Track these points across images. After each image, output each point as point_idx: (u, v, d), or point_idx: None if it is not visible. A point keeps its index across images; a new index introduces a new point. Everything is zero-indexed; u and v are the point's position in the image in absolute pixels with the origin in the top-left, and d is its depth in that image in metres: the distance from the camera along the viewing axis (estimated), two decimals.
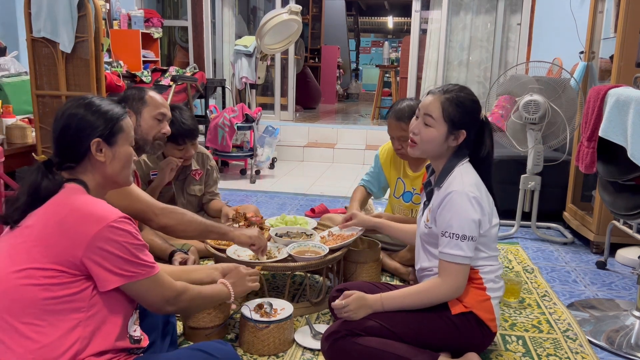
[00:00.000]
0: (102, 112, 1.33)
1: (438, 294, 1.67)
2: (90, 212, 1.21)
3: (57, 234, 1.19)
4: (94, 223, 1.19)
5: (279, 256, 2.12)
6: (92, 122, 1.31)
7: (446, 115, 1.70)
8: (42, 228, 1.21)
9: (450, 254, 1.64)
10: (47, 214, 1.22)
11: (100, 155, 1.32)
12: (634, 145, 1.93)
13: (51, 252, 1.19)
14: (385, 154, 2.69)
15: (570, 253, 3.13)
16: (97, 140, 1.31)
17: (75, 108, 1.32)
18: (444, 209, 1.67)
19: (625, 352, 2.00)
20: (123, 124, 1.36)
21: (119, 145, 1.35)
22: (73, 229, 1.19)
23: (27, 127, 3.52)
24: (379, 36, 16.02)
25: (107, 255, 1.20)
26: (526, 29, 5.85)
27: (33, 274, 1.18)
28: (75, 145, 1.30)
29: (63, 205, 1.23)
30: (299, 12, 5.06)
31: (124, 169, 1.38)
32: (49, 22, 3.12)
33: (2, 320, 1.17)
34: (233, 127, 4.79)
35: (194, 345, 1.42)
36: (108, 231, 1.20)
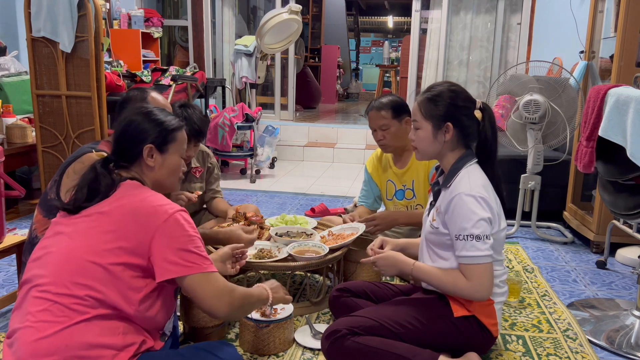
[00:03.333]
0: (159, 121, 1.46)
1: (463, 293, 1.66)
2: (160, 203, 1.33)
3: (131, 223, 1.30)
4: (162, 213, 1.31)
5: (279, 256, 2.12)
6: (147, 129, 1.44)
7: (426, 113, 1.74)
8: (118, 216, 1.31)
9: (468, 256, 1.63)
10: (122, 204, 1.33)
11: (150, 160, 1.44)
12: (634, 145, 1.93)
13: (124, 238, 1.29)
14: (372, 162, 2.73)
15: (570, 253, 3.13)
16: (150, 146, 1.43)
17: (135, 115, 1.46)
18: (453, 213, 1.66)
19: (625, 351, 2.00)
20: (176, 135, 1.48)
21: (170, 154, 1.47)
22: (145, 218, 1.30)
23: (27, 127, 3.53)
24: (379, 36, 16.02)
25: (169, 244, 1.29)
26: (526, 29, 5.85)
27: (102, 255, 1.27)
28: (130, 147, 1.44)
29: (135, 197, 1.34)
30: (299, 11, 5.06)
31: (170, 176, 1.50)
32: (49, 21, 3.13)
33: (65, 288, 1.25)
34: (233, 127, 4.80)
35: (197, 345, 1.43)
36: (172, 220, 1.31)
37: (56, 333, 1.21)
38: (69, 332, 1.22)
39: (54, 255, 1.31)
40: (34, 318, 1.23)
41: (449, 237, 1.70)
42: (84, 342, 1.22)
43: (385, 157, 2.67)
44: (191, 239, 1.33)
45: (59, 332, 1.21)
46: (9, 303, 2.18)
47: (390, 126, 2.46)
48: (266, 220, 2.55)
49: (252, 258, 2.11)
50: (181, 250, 1.30)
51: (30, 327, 1.23)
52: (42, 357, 1.20)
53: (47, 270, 1.29)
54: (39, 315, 1.23)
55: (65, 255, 1.29)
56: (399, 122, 2.47)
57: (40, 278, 1.28)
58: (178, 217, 1.32)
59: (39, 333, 1.21)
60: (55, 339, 1.21)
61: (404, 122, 2.49)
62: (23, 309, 1.27)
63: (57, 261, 1.29)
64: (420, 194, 2.56)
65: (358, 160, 5.84)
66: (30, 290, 1.28)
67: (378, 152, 2.72)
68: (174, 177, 1.51)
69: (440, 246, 1.74)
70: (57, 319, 1.23)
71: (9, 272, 2.61)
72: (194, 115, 2.57)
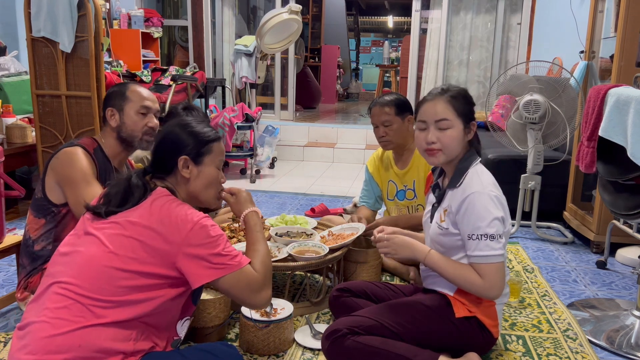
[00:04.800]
0: (195, 133, 1.47)
1: (476, 290, 1.65)
2: (185, 213, 1.35)
3: (157, 232, 1.32)
4: (187, 222, 1.33)
5: (279, 256, 2.12)
6: (183, 140, 1.46)
7: (459, 111, 1.70)
8: (145, 225, 1.33)
9: (482, 255, 1.61)
10: (151, 213, 1.35)
11: (186, 172, 1.46)
12: (634, 145, 1.93)
13: (150, 247, 1.31)
14: (373, 162, 2.73)
15: (570, 253, 3.13)
16: (185, 157, 1.45)
17: (173, 126, 1.49)
18: (466, 213, 1.65)
19: (625, 351, 2.00)
20: (213, 147, 1.49)
21: (205, 165, 1.48)
22: (170, 228, 1.32)
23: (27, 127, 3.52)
24: (379, 36, 16.02)
25: (199, 251, 1.32)
26: (526, 29, 5.85)
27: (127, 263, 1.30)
28: (166, 158, 1.46)
29: (162, 207, 1.36)
30: (299, 11, 5.06)
31: (207, 188, 1.50)
32: (49, 21, 3.12)
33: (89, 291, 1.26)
34: (233, 127, 4.80)
35: (198, 346, 1.44)
36: (199, 227, 1.33)
37: (71, 332, 1.22)
38: (84, 333, 1.23)
39: (81, 255, 1.33)
40: (52, 314, 1.24)
41: (459, 238, 1.69)
42: (97, 345, 1.23)
43: (386, 157, 2.67)
44: (217, 242, 1.35)
45: (74, 331, 1.23)
46: (9, 303, 2.18)
47: (393, 123, 2.46)
48: (266, 220, 2.55)
49: None
50: (211, 254, 1.33)
51: (47, 322, 1.24)
52: (54, 354, 1.21)
53: (72, 269, 1.31)
54: (57, 312, 1.25)
55: (92, 258, 1.31)
56: (401, 119, 2.48)
57: (64, 275, 1.30)
58: (203, 223, 1.35)
59: (54, 329, 1.23)
60: (69, 338, 1.22)
61: (406, 120, 2.50)
62: (41, 303, 1.29)
63: (84, 262, 1.31)
64: (421, 194, 2.56)
65: (358, 160, 5.84)
66: (51, 286, 1.30)
67: (379, 152, 2.72)
68: (211, 190, 1.51)
69: (450, 248, 1.73)
70: (74, 318, 1.24)
71: (9, 272, 2.61)
72: (197, 118, 2.58)
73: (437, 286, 1.80)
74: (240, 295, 1.39)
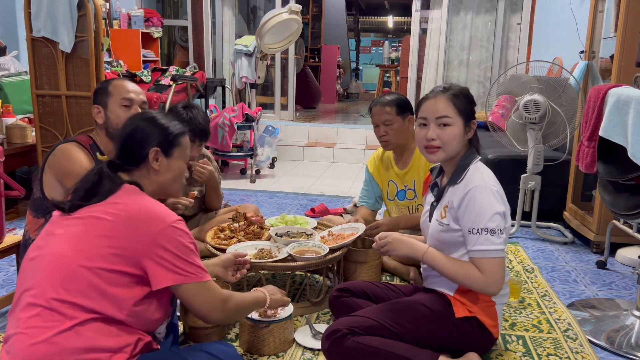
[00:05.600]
0: (164, 126, 1.48)
1: (476, 286, 1.65)
2: (156, 211, 1.33)
3: (125, 229, 1.29)
4: (158, 222, 1.31)
5: (279, 256, 2.12)
6: (154, 132, 1.46)
7: (460, 109, 1.72)
8: (113, 221, 1.30)
9: (482, 249, 1.61)
10: (118, 210, 1.32)
11: (156, 164, 1.45)
12: (634, 145, 1.93)
13: (117, 244, 1.28)
14: (373, 162, 2.73)
15: (570, 253, 3.13)
16: (156, 149, 1.45)
17: (140, 120, 1.49)
18: (467, 207, 1.65)
19: (625, 351, 2.00)
20: (181, 140, 1.51)
21: (174, 158, 1.49)
22: (140, 226, 1.29)
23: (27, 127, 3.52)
24: (379, 36, 16.02)
25: (166, 253, 1.29)
26: (526, 29, 5.85)
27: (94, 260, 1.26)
28: (136, 150, 1.44)
29: (132, 203, 1.33)
30: (299, 11, 5.06)
31: (174, 181, 1.51)
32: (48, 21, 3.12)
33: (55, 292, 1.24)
34: (233, 127, 4.79)
35: (198, 346, 1.43)
36: (170, 230, 1.31)
37: (48, 339, 1.20)
38: (61, 338, 1.21)
39: (47, 258, 1.30)
40: (25, 324, 1.22)
41: (460, 234, 1.69)
42: (78, 347, 1.21)
43: (386, 157, 2.67)
44: (187, 249, 1.33)
45: (50, 338, 1.20)
46: (9, 303, 2.18)
47: (394, 122, 2.47)
48: (266, 220, 2.55)
49: (252, 258, 2.11)
50: (177, 259, 1.30)
51: (22, 333, 1.22)
52: None
53: (39, 274, 1.28)
54: (30, 322, 1.22)
55: (57, 259, 1.28)
56: (402, 119, 2.48)
57: (31, 282, 1.27)
58: (176, 226, 1.32)
59: (31, 339, 1.20)
60: (48, 345, 1.20)
61: (407, 120, 2.50)
62: (16, 314, 1.27)
63: (50, 265, 1.28)
64: (421, 194, 2.56)
65: (358, 160, 5.84)
66: (22, 295, 1.28)
67: (379, 152, 2.72)
68: (178, 183, 1.53)
69: (450, 244, 1.73)
70: (48, 324, 1.21)
71: (9, 272, 2.61)
72: (198, 116, 2.60)
73: (437, 286, 1.80)
74: (198, 307, 1.36)
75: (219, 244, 2.21)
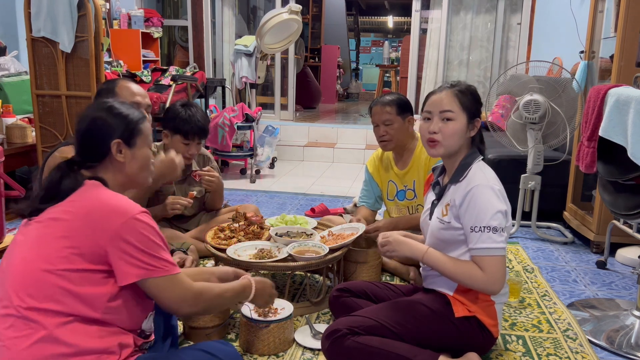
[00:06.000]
0: (123, 115, 1.41)
1: (477, 285, 1.64)
2: (116, 204, 1.27)
3: (84, 226, 1.24)
4: (119, 215, 1.25)
5: (279, 256, 2.12)
6: (113, 124, 1.39)
7: (464, 105, 1.73)
8: (71, 220, 1.25)
9: (483, 247, 1.61)
10: (75, 207, 1.27)
11: (120, 156, 1.39)
12: (634, 145, 1.93)
13: (78, 243, 1.23)
14: (373, 162, 2.73)
15: (570, 253, 3.13)
16: (118, 141, 1.38)
17: (98, 111, 1.41)
18: (469, 205, 1.65)
19: (625, 351, 2.00)
20: (142, 127, 1.44)
21: (138, 147, 1.42)
22: (100, 221, 1.24)
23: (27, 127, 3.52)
24: (379, 36, 16.02)
25: (130, 247, 1.24)
26: (526, 29, 5.85)
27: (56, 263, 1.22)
28: (97, 145, 1.38)
29: (90, 199, 1.28)
30: (299, 11, 5.06)
31: (142, 170, 1.45)
32: (49, 21, 3.12)
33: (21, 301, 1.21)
34: (233, 127, 4.79)
35: (196, 346, 1.42)
36: (132, 223, 1.25)
37: (27, 348, 1.18)
38: (40, 347, 1.18)
39: (10, 267, 1.26)
40: (2, 336, 1.20)
41: (461, 232, 1.69)
42: (61, 353, 1.19)
43: (386, 157, 2.67)
44: (151, 242, 1.27)
45: (29, 347, 1.18)
46: None
47: (394, 122, 2.47)
48: (266, 220, 2.55)
49: (252, 258, 2.11)
50: (142, 253, 1.25)
51: (3, 346, 1.20)
52: None
53: (5, 283, 1.25)
54: (6, 333, 1.20)
55: (19, 267, 1.24)
56: (402, 119, 2.49)
57: (2, 293, 1.25)
58: (139, 218, 1.26)
59: (10, 352, 1.18)
60: (27, 355, 1.18)
61: (406, 121, 2.50)
62: None
63: (12, 274, 1.24)
64: (421, 194, 2.56)
65: (358, 160, 5.84)
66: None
67: (379, 152, 2.72)
68: (146, 171, 1.46)
69: (451, 243, 1.73)
70: (23, 333, 1.19)
71: None
72: (197, 114, 2.60)
73: (437, 286, 1.80)
74: (167, 302, 1.30)
75: (219, 244, 2.21)
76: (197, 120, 2.58)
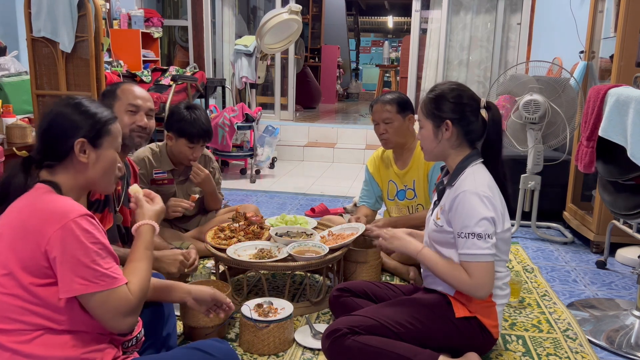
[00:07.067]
0: (91, 113, 1.31)
1: (464, 288, 1.65)
2: (53, 209, 1.17)
3: (22, 237, 1.15)
4: (56, 220, 1.15)
5: (279, 256, 2.12)
6: (78, 121, 1.29)
7: (427, 112, 1.76)
8: (8, 233, 1.17)
9: (468, 253, 1.62)
10: (11, 219, 1.19)
11: (83, 157, 1.28)
12: (634, 145, 1.93)
13: (19, 256, 1.15)
14: (373, 162, 2.74)
15: (570, 253, 3.13)
16: (82, 140, 1.28)
17: (63, 107, 1.31)
18: (456, 211, 1.66)
19: (625, 351, 2.00)
20: (111, 128, 1.34)
21: (104, 149, 1.32)
22: (36, 229, 1.15)
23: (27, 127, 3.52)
24: (379, 36, 16.02)
25: (65, 257, 1.14)
26: (526, 29, 5.85)
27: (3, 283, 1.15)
28: (58, 143, 1.27)
29: (26, 206, 1.19)
30: (299, 11, 5.06)
31: (106, 174, 1.34)
32: (49, 21, 3.13)
33: None
34: (233, 127, 4.79)
35: (191, 344, 1.41)
36: (69, 228, 1.14)
37: None
38: None
39: None
40: None
41: (452, 236, 1.70)
42: None
43: (386, 157, 2.68)
44: (89, 250, 1.15)
45: None
46: None
47: (394, 120, 2.48)
48: (266, 220, 2.55)
49: (252, 258, 2.11)
50: (79, 264, 1.14)
51: None
52: None
53: None
54: None
55: None
56: (402, 117, 2.50)
57: None
58: (77, 222, 1.15)
59: None
60: None
61: (407, 119, 2.51)
62: None
63: None
64: (421, 194, 2.56)
65: (358, 160, 5.84)
66: None
67: (379, 152, 2.72)
68: (110, 176, 1.35)
69: (444, 244, 1.74)
70: None
71: None
72: (201, 117, 2.60)
73: (437, 286, 1.80)
74: (103, 316, 1.18)
75: (219, 244, 2.21)
76: (202, 124, 2.58)
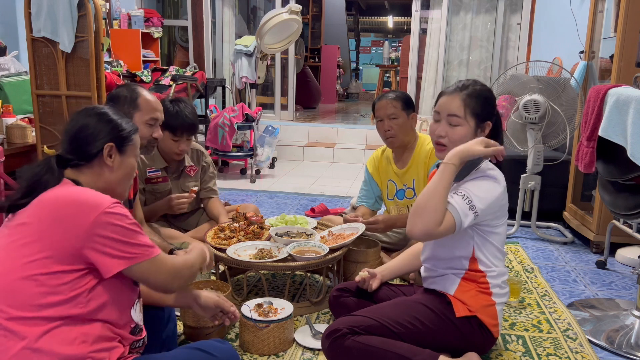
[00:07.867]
0: (118, 122, 1.44)
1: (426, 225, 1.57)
2: (84, 200, 1.25)
3: (53, 228, 1.22)
4: (89, 211, 1.23)
5: (279, 256, 2.12)
6: (109, 127, 1.41)
7: (471, 110, 1.71)
8: (37, 223, 1.24)
9: (451, 203, 1.58)
10: (40, 210, 1.25)
11: (109, 160, 1.40)
12: (634, 145, 1.93)
13: (49, 246, 1.21)
14: (373, 162, 2.74)
15: (570, 253, 3.13)
16: (111, 144, 1.39)
17: (95, 113, 1.43)
18: (472, 181, 1.65)
19: (625, 351, 2.00)
20: (134, 138, 1.47)
21: (127, 156, 1.45)
22: (70, 221, 1.22)
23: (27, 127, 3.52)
24: (379, 36, 16.02)
25: (107, 241, 1.23)
26: (526, 29, 5.85)
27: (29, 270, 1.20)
28: (89, 145, 1.38)
29: (54, 199, 1.26)
30: (299, 11, 5.06)
31: (124, 179, 1.46)
32: (49, 21, 3.12)
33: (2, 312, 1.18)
34: (233, 127, 4.80)
35: (192, 344, 1.42)
36: (105, 217, 1.24)
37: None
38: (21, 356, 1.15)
39: None
40: None
41: None
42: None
43: (386, 156, 2.68)
44: (128, 230, 1.26)
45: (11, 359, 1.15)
46: None
47: (399, 117, 2.49)
48: (266, 220, 2.55)
49: (252, 258, 2.11)
50: (120, 243, 1.25)
51: None
52: None
53: None
54: None
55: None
56: (406, 115, 2.50)
57: None
58: (110, 211, 1.25)
59: None
60: None
61: (410, 117, 2.53)
62: None
63: None
64: None
65: (358, 160, 5.85)
66: None
67: (379, 152, 2.72)
68: (127, 182, 1.47)
69: (443, 244, 1.74)
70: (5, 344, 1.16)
71: None
72: (185, 110, 2.58)
73: (437, 286, 1.80)
74: (156, 282, 1.33)
75: (219, 244, 2.21)
76: (185, 116, 2.55)
